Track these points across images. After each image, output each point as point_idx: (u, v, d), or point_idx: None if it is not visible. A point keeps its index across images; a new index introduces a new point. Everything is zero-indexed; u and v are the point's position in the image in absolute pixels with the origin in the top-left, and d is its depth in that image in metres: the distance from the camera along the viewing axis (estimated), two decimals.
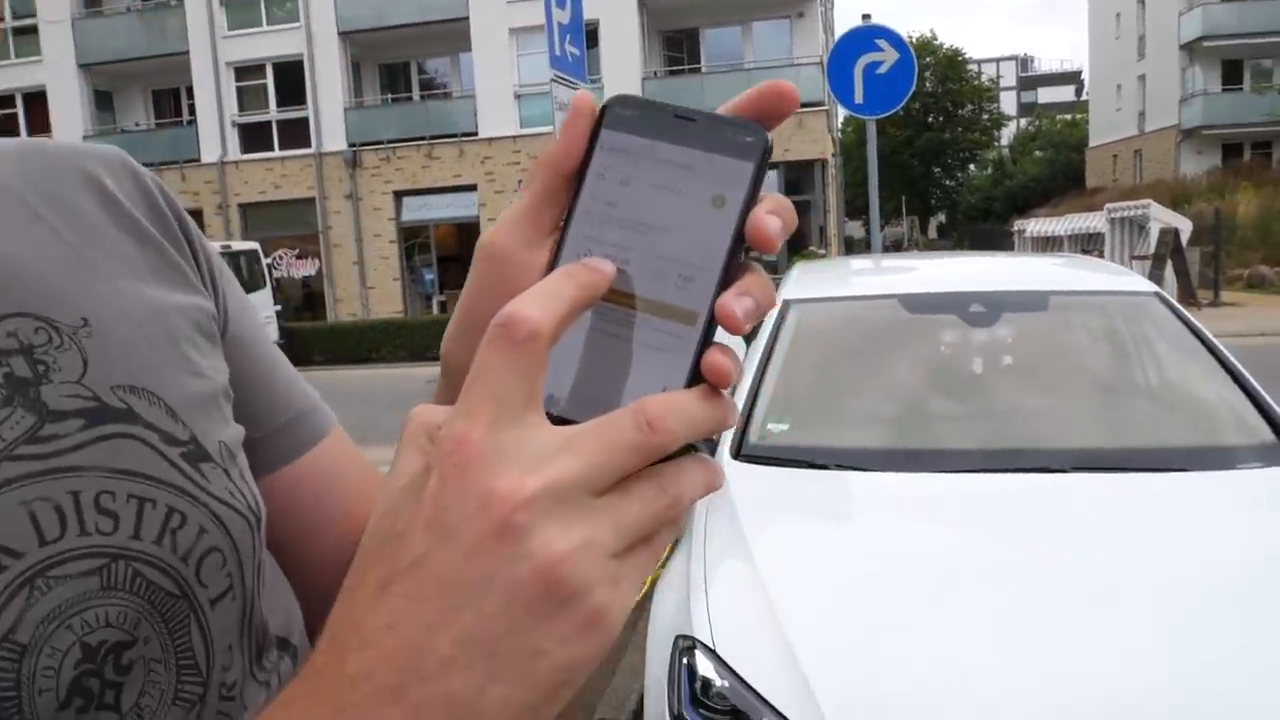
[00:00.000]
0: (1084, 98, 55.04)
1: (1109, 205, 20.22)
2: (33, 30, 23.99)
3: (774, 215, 0.35)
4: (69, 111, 23.95)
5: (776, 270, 19.63)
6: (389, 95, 23.92)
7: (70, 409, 0.47)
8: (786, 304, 3.35)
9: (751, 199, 0.37)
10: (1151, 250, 16.39)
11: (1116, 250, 18.71)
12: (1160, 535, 2.29)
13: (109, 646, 0.46)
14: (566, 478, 0.31)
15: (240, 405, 0.58)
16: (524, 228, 0.40)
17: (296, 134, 22.80)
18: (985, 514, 2.41)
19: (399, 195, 22.47)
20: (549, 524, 0.30)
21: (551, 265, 0.37)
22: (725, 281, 0.36)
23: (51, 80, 23.94)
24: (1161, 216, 17.09)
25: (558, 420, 0.34)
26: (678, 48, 23.03)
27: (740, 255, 0.37)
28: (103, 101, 24.77)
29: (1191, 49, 33.38)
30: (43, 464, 0.45)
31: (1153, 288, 3.41)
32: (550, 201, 0.40)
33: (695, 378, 0.36)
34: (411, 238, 23.02)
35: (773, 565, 2.13)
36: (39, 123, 24.28)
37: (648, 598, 2.33)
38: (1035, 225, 25.42)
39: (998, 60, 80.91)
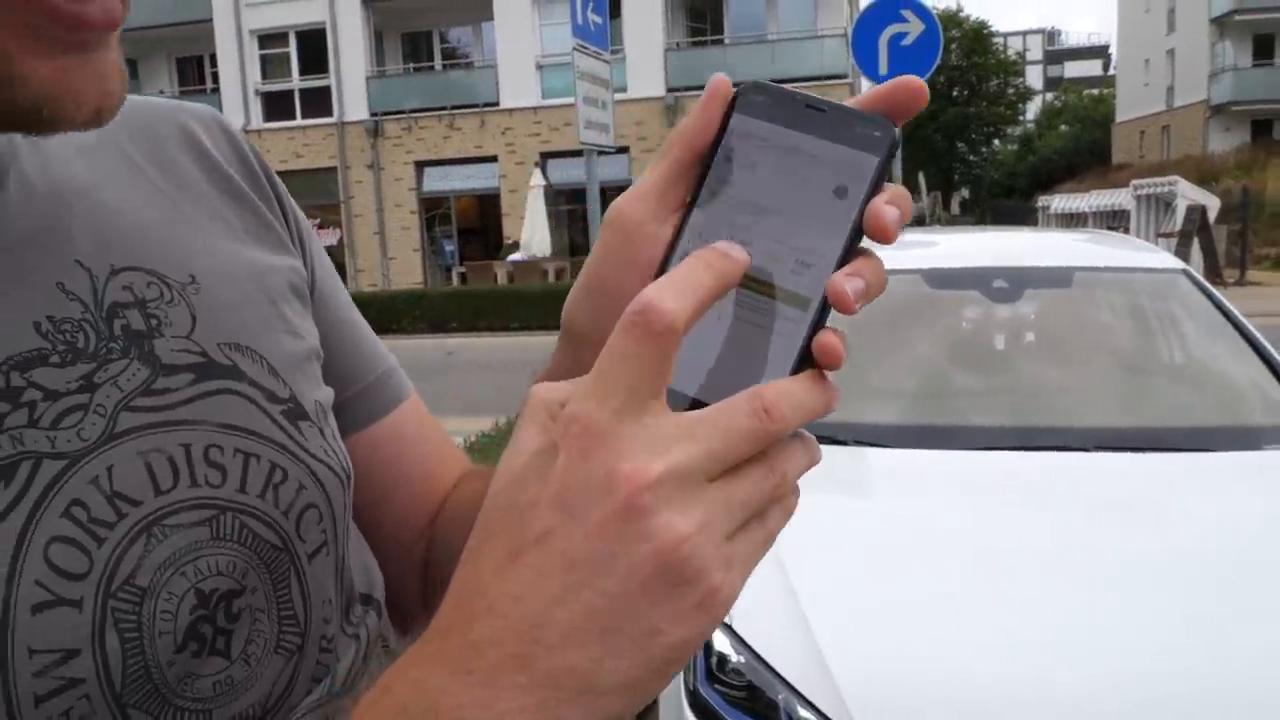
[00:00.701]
0: (1111, 72, 54.26)
1: (1135, 181, 19.98)
2: None
3: (892, 205, 0.36)
4: None
5: None
6: (411, 64, 23.86)
7: (181, 363, 0.49)
8: None
9: (873, 191, 0.38)
10: (1178, 228, 16.19)
11: (1142, 227, 18.50)
12: (1184, 516, 2.27)
13: (220, 594, 0.47)
14: (687, 463, 0.32)
15: (326, 366, 0.60)
16: (652, 201, 0.42)
17: (319, 103, 22.81)
18: (1005, 492, 2.39)
19: (420, 165, 22.46)
20: (670, 507, 0.31)
21: (674, 242, 0.39)
22: (840, 268, 0.37)
23: None
24: (1188, 193, 16.86)
25: (672, 395, 0.36)
26: (701, 18, 22.83)
27: (857, 244, 0.38)
28: (128, 69, 24.82)
29: (1222, 23, 32.86)
30: (157, 416, 0.47)
31: (1180, 264, 3.36)
32: (679, 177, 0.41)
33: (804, 361, 0.36)
34: (432, 209, 23.03)
35: (789, 540, 2.10)
36: None
37: None
38: (1060, 201, 25.16)
39: (1024, 33, 79.88)
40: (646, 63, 20.83)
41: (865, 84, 19.19)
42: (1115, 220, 20.62)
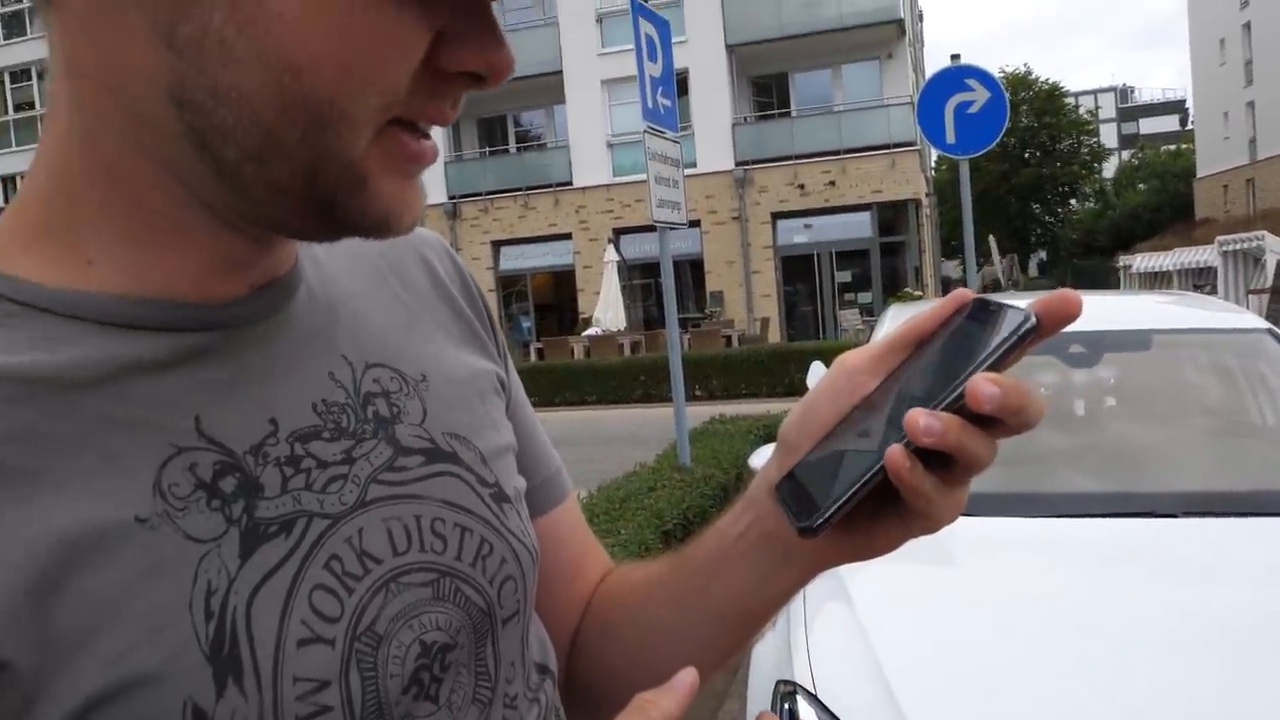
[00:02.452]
0: (1189, 127, 53.31)
1: (1220, 237, 19.49)
2: None
3: (994, 385, 0.46)
4: None
5: (873, 313, 19.45)
6: (487, 148, 24.61)
7: (415, 447, 0.57)
8: None
9: (990, 363, 0.48)
10: (1269, 283, 15.73)
11: (1230, 284, 18.00)
12: (1277, 583, 2.22)
13: (438, 647, 0.54)
14: None
15: (517, 459, 0.68)
16: (873, 360, 0.55)
17: None
18: (1091, 559, 2.35)
19: (497, 245, 23.02)
20: None
21: (856, 407, 0.54)
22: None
23: None
24: (1277, 248, 16.41)
25: (795, 466, 0.55)
26: (767, 92, 23.18)
27: (952, 402, 0.48)
28: None
29: None
30: (396, 489, 0.55)
31: (1264, 324, 3.30)
32: (898, 349, 0.55)
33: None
34: (509, 286, 23.52)
35: (873, 609, 2.13)
36: None
37: None
38: (1142, 260, 24.64)
39: (1096, 92, 79.21)
40: (715, 138, 21.17)
41: (935, 151, 19.15)
42: (1201, 278, 20.13)
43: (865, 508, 0.52)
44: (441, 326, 0.66)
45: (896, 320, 3.82)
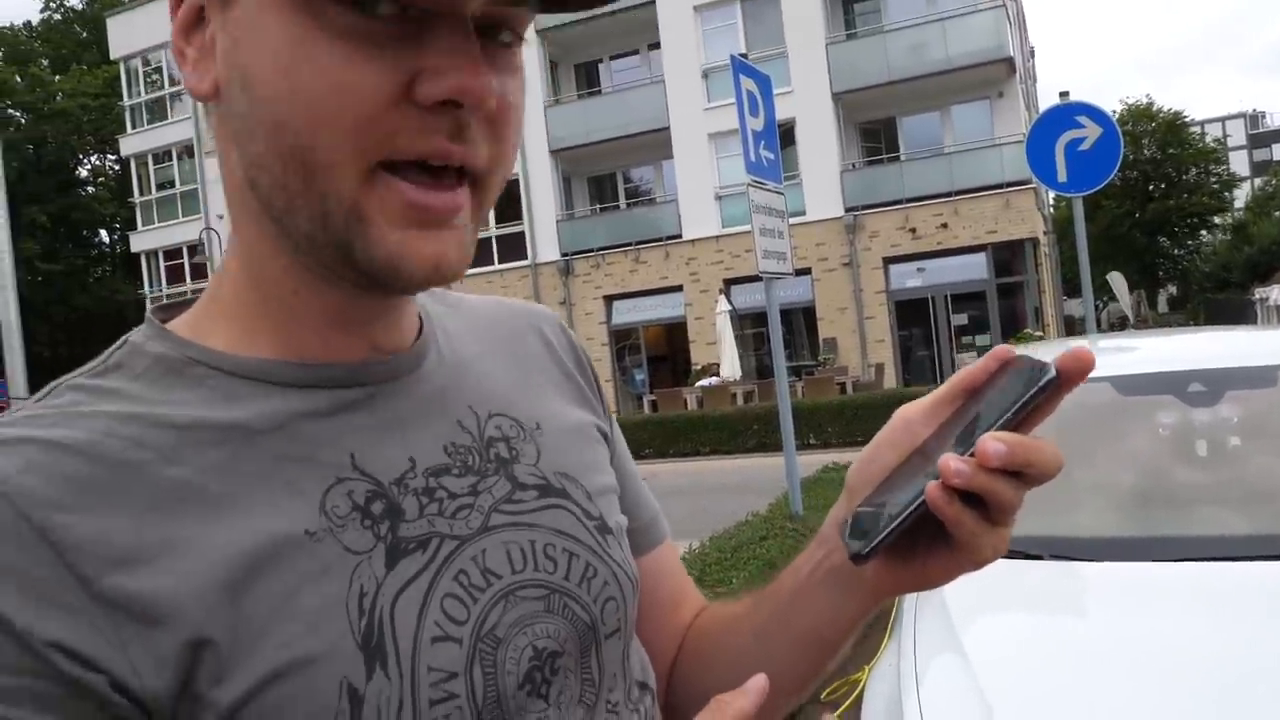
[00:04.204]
0: None
1: None
2: None
3: (1000, 443, 0.53)
4: None
5: None
6: (597, 205, 25.11)
7: (530, 483, 0.68)
8: None
9: (1013, 411, 0.56)
10: None
11: None
12: None
13: (549, 652, 0.63)
14: None
15: (619, 502, 0.78)
16: (926, 412, 0.63)
17: (514, 247, 24.28)
18: (1216, 605, 2.27)
19: (609, 299, 23.38)
20: None
21: (911, 455, 0.62)
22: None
23: None
24: None
25: (858, 506, 0.62)
26: (875, 138, 23.06)
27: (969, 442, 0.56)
28: None
29: None
30: (514, 518, 0.65)
31: None
32: (949, 401, 0.63)
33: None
34: (622, 340, 23.81)
35: (985, 658, 2.09)
36: None
37: (860, 694, 2.34)
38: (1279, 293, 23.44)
39: (1223, 119, 76.03)
40: (824, 185, 21.14)
41: (1051, 194, 18.63)
42: None
43: (919, 543, 0.60)
44: (553, 385, 0.77)
45: None
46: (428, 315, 0.72)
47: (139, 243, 29.57)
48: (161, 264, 29.23)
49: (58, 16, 40.87)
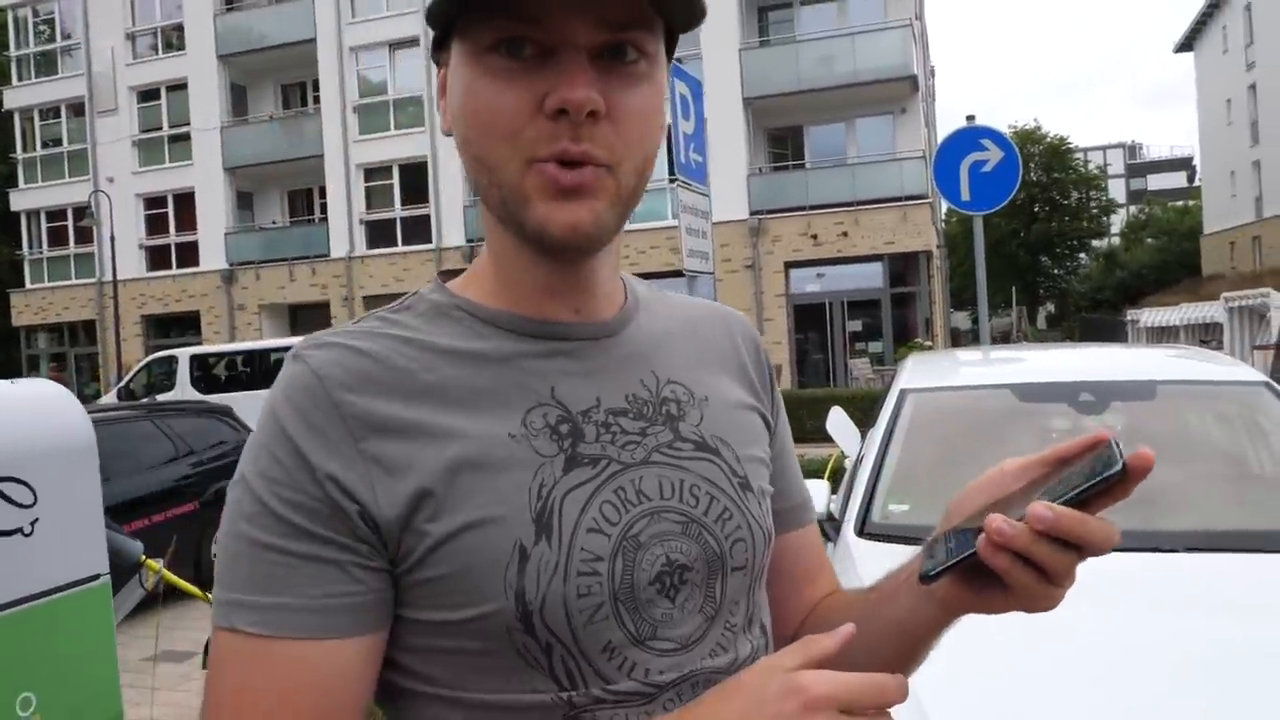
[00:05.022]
0: (1196, 184, 53.71)
1: (1226, 294, 19.74)
2: (185, 138, 26.03)
3: (1049, 511, 0.65)
4: (213, 210, 25.76)
5: (883, 362, 19.65)
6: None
7: (690, 437, 0.84)
8: (903, 392, 3.58)
9: (1074, 491, 0.65)
10: (1274, 340, 15.94)
11: (1236, 340, 18.22)
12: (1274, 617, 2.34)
13: (679, 565, 0.79)
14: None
15: (771, 481, 0.93)
16: (1023, 467, 0.75)
17: (418, 230, 24.02)
18: (1103, 591, 2.48)
19: None
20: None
21: (988, 505, 0.73)
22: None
23: (199, 181, 25.83)
24: None
25: (945, 531, 0.74)
26: (782, 144, 23.57)
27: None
28: (243, 201, 26.57)
29: None
30: (670, 460, 0.82)
31: (1262, 378, 3.52)
32: (1043, 465, 0.74)
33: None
34: None
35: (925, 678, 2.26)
36: (186, 220, 26.14)
37: None
38: (1150, 315, 24.87)
39: (1104, 148, 79.73)
40: (731, 188, 21.49)
41: (945, 206, 19.39)
42: (1208, 333, 20.34)
43: (984, 576, 0.71)
44: (728, 371, 0.93)
45: (916, 368, 4.06)
46: (636, 297, 0.91)
47: (19, 201, 28.17)
48: (44, 224, 27.94)
49: None
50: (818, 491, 3.60)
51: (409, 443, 0.73)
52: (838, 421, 5.07)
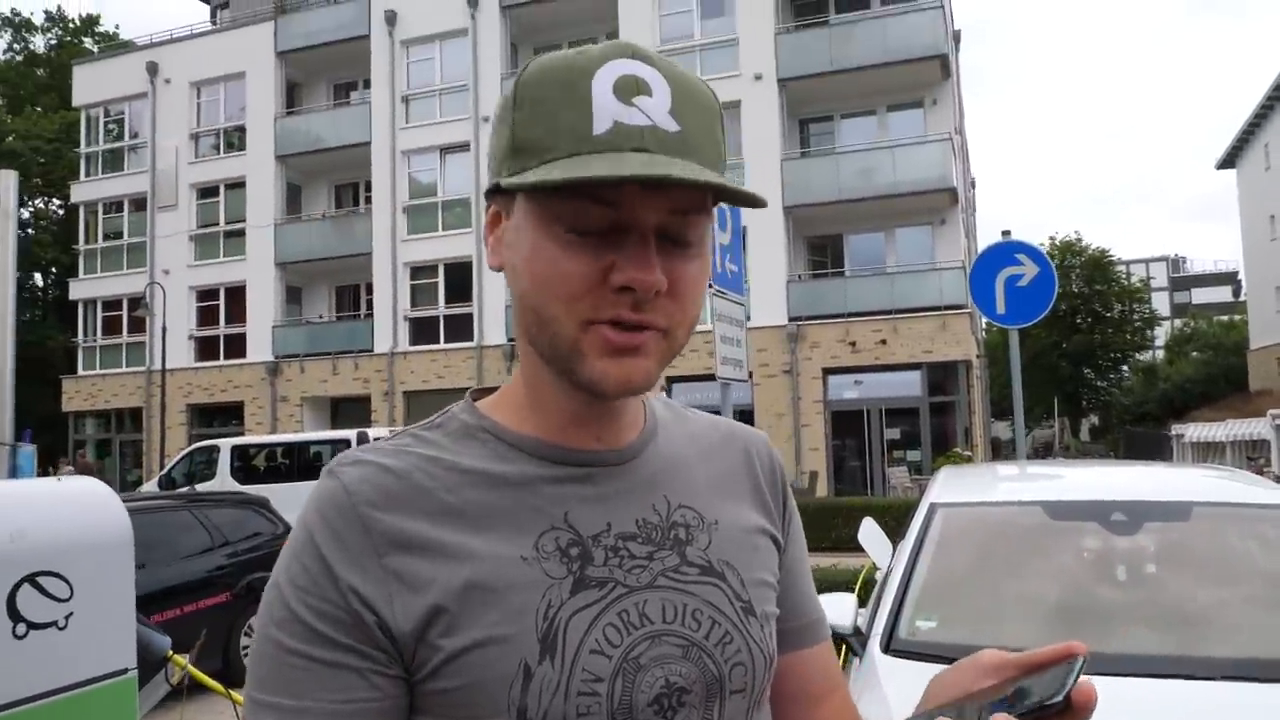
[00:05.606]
0: (1242, 298, 53.25)
1: (1272, 411, 19.42)
2: (240, 234, 26.86)
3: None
4: (263, 304, 26.39)
5: (921, 471, 19.41)
6: None
7: (696, 562, 0.87)
8: (934, 506, 3.57)
9: (1022, 708, 0.67)
10: None
11: None
12: None
13: (678, 687, 0.81)
14: None
15: (780, 599, 0.96)
16: (997, 664, 0.78)
17: (461, 328, 24.39)
18: (1132, 718, 2.47)
19: None
20: None
21: (953, 702, 0.75)
22: None
23: (251, 276, 26.56)
24: None
25: (919, 711, 0.76)
26: (822, 252, 23.80)
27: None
28: (292, 295, 27.21)
29: None
30: (676, 584, 0.85)
31: None
32: (1016, 667, 0.76)
33: None
34: None
35: None
36: (236, 312, 26.78)
37: None
38: (1195, 430, 24.46)
39: (1147, 261, 79.55)
40: (770, 294, 21.69)
41: (984, 319, 19.37)
42: (1255, 450, 19.95)
43: None
44: (741, 493, 0.96)
45: (948, 482, 4.05)
46: (656, 420, 0.95)
47: (78, 290, 29.09)
48: (99, 314, 28.74)
49: (19, 58, 40.68)
50: (844, 606, 3.57)
51: (428, 560, 0.78)
52: (869, 532, 5.03)
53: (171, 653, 2.82)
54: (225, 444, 16.75)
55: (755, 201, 0.80)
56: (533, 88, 0.79)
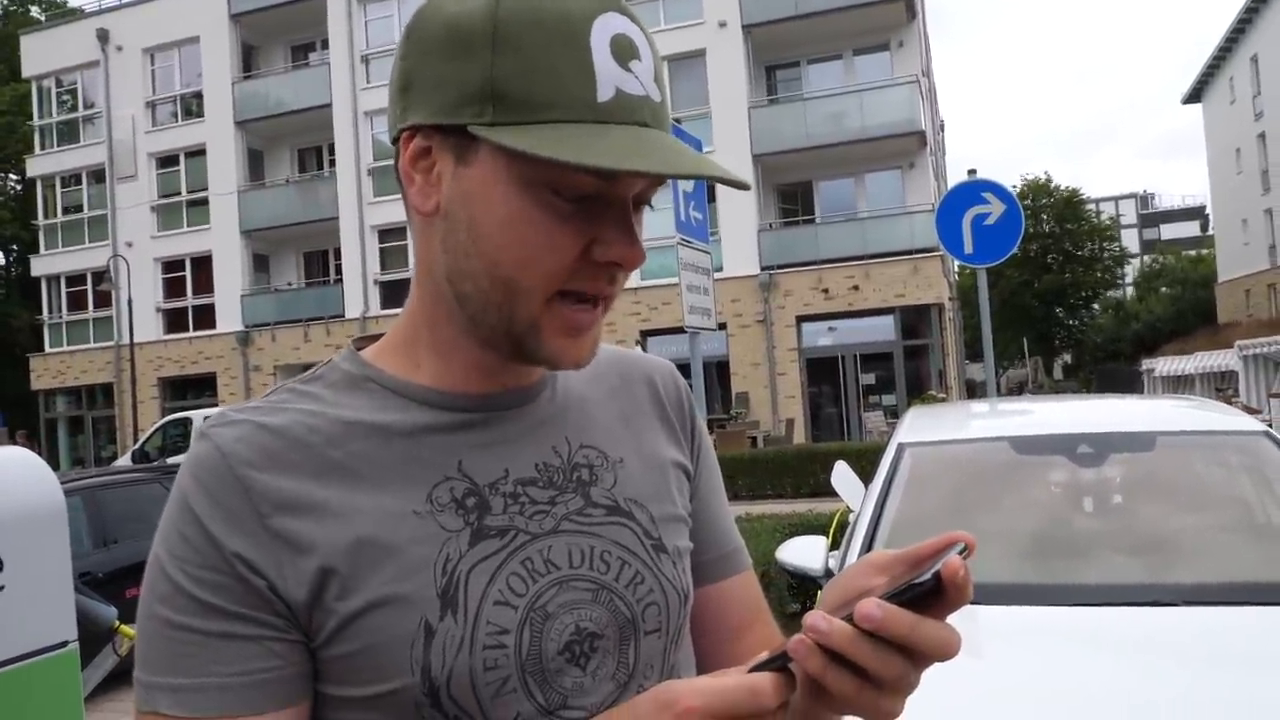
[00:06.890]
0: (1210, 232, 53.69)
1: (1240, 342, 19.64)
2: (203, 203, 26.46)
3: (878, 609, 0.59)
4: (230, 273, 26.08)
5: (897, 415, 19.56)
6: None
7: (601, 503, 0.84)
8: (902, 446, 3.57)
9: (896, 590, 0.60)
10: None
11: (1252, 388, 18.09)
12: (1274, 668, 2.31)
13: (589, 632, 0.79)
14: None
15: (694, 532, 0.93)
16: (888, 562, 0.68)
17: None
18: (1101, 645, 2.47)
19: None
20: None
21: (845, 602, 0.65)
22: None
23: (217, 245, 26.21)
24: None
25: None
26: (792, 200, 23.77)
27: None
28: (260, 264, 26.90)
29: None
30: (581, 527, 0.82)
31: (1261, 427, 3.49)
32: (905, 563, 0.66)
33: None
34: None
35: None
36: (203, 283, 26.47)
37: None
38: (1165, 364, 24.75)
39: (1117, 199, 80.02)
40: (741, 244, 21.68)
41: (955, 262, 19.47)
42: (1224, 381, 20.21)
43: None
44: (649, 426, 0.93)
45: (915, 422, 4.05)
46: None
47: (40, 266, 28.65)
48: (63, 290, 28.34)
49: None
50: (815, 549, 3.58)
51: (314, 520, 0.74)
52: (842, 475, 5.03)
53: (119, 623, 2.78)
54: (198, 415, 16.65)
55: (742, 185, 0.77)
56: (523, 28, 0.71)
